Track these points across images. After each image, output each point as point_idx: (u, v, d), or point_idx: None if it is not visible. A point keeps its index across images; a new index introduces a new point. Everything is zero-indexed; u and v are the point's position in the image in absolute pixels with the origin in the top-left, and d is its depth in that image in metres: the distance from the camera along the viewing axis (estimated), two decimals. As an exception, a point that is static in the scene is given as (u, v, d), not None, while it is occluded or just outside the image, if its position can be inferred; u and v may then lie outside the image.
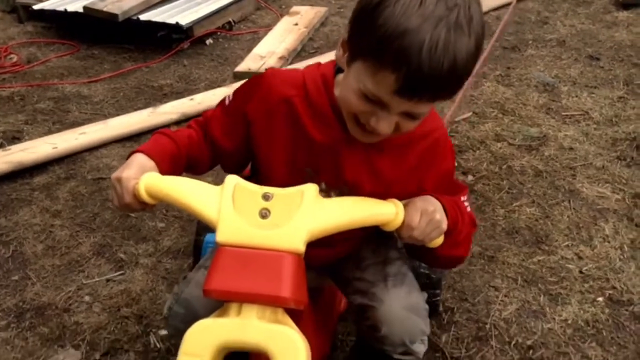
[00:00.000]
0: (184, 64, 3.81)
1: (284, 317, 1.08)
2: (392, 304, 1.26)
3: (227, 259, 1.06)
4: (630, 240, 2.23)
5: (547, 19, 4.40)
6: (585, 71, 3.59)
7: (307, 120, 1.22)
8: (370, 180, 1.24)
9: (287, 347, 1.03)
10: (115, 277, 2.08)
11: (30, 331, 1.88)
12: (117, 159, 2.76)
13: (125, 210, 1.21)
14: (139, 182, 1.15)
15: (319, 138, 1.22)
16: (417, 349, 1.31)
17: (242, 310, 1.05)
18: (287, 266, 1.05)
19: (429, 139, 1.24)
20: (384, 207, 1.15)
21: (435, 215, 1.15)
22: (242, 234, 1.07)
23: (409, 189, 1.23)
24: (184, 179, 1.18)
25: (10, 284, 2.07)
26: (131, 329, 1.87)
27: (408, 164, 1.24)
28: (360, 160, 1.22)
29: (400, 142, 1.21)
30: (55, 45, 4.12)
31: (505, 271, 2.09)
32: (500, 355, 1.78)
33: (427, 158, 1.24)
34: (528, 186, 2.54)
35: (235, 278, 1.05)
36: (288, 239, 1.06)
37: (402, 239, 1.17)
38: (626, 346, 1.82)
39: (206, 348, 1.04)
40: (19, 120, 3.14)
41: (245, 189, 1.10)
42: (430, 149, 1.24)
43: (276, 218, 1.08)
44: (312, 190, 1.11)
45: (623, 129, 2.96)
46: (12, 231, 2.31)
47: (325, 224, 1.10)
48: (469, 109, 3.15)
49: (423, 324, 1.30)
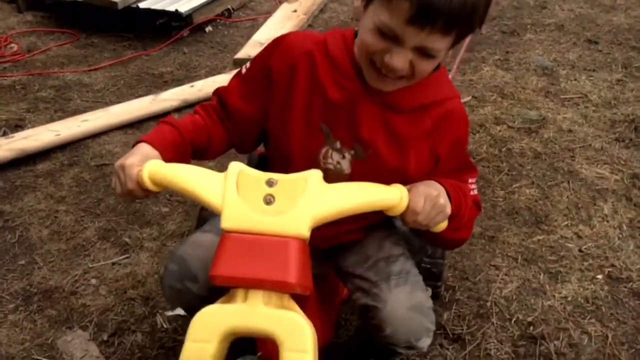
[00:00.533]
0: (183, 52, 3.82)
1: (290, 303, 1.09)
2: (396, 306, 1.27)
3: (232, 245, 1.07)
4: (629, 220, 2.26)
5: (546, 4, 4.41)
6: (584, 55, 3.60)
7: (325, 75, 1.23)
8: (385, 139, 1.25)
9: (294, 332, 1.03)
10: (121, 261, 2.11)
11: (38, 314, 1.91)
12: (120, 146, 2.78)
13: (127, 197, 1.21)
14: (142, 169, 1.15)
15: (336, 94, 1.23)
16: (422, 344, 1.32)
17: (249, 296, 1.06)
18: (292, 252, 1.06)
19: (445, 106, 1.26)
20: (388, 192, 1.15)
21: (439, 199, 1.16)
22: (246, 220, 1.07)
23: (423, 152, 1.26)
24: (188, 166, 1.19)
25: (17, 268, 2.09)
26: (138, 310, 1.90)
27: (423, 126, 1.25)
28: (376, 116, 1.24)
29: (417, 105, 1.23)
30: (55, 34, 4.12)
31: (505, 250, 2.12)
32: (501, 332, 1.81)
33: (442, 124, 1.26)
34: (527, 168, 2.57)
35: (241, 264, 1.05)
36: (293, 224, 1.07)
37: (406, 224, 1.18)
38: (625, 322, 1.85)
39: (213, 334, 1.04)
40: (21, 109, 3.15)
41: (249, 176, 1.11)
42: (446, 115, 1.26)
43: (281, 204, 1.08)
44: (316, 176, 1.11)
45: (622, 111, 2.98)
46: (18, 217, 2.34)
47: (329, 210, 1.10)
48: (469, 92, 3.17)
49: (428, 321, 1.30)
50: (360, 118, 1.24)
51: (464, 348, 1.77)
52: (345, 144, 1.26)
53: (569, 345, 1.77)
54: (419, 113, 1.25)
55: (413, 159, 1.26)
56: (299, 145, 1.28)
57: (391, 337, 1.28)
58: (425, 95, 1.24)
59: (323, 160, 1.29)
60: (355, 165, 1.28)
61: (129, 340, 1.80)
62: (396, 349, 1.33)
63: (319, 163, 1.28)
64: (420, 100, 1.24)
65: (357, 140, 1.26)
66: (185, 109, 3.06)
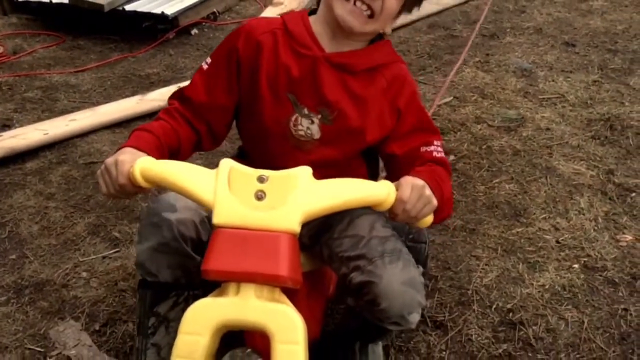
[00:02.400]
0: (170, 54, 3.86)
1: (281, 296, 1.12)
2: (391, 280, 1.31)
3: (224, 240, 1.09)
4: (604, 213, 2.35)
5: (525, 8, 4.52)
6: (561, 57, 3.71)
7: (285, 49, 1.38)
8: (347, 100, 1.38)
9: (286, 325, 1.06)
10: (111, 255, 2.15)
11: (30, 305, 1.94)
12: (108, 145, 2.82)
13: (116, 194, 1.24)
14: (134, 166, 1.18)
15: (297, 64, 1.36)
16: (413, 319, 1.37)
17: (240, 290, 1.08)
18: (283, 246, 1.08)
19: (394, 67, 1.42)
20: (376, 187, 1.19)
21: (425, 190, 1.22)
22: (238, 215, 1.09)
23: (383, 109, 1.40)
24: (179, 162, 1.22)
25: (8, 262, 2.12)
26: (129, 302, 1.94)
27: (379, 84, 1.40)
28: (336, 79, 1.37)
29: (369, 66, 1.39)
30: (40, 37, 4.15)
31: (485, 242, 2.19)
32: (481, 318, 1.88)
33: (395, 81, 1.41)
34: (507, 164, 2.65)
35: (233, 258, 1.07)
36: (283, 219, 1.09)
37: (395, 216, 1.22)
38: (600, 308, 1.92)
39: (205, 327, 1.06)
40: (8, 109, 3.17)
41: (240, 172, 1.13)
42: (397, 74, 1.42)
43: (271, 200, 1.10)
44: (306, 173, 1.14)
45: (597, 110, 3.08)
46: (7, 213, 2.36)
47: (319, 205, 1.13)
48: (450, 93, 3.25)
49: (419, 296, 1.36)
50: (322, 82, 1.36)
51: (446, 334, 1.83)
52: (312, 109, 1.38)
53: (547, 330, 1.84)
54: (373, 74, 1.40)
55: (375, 116, 1.39)
56: (270, 116, 1.39)
57: (386, 311, 1.33)
58: (375, 58, 1.40)
59: (294, 127, 1.39)
60: (324, 130, 1.39)
61: (121, 329, 1.84)
62: (387, 326, 1.38)
63: (291, 130, 1.39)
64: (372, 62, 1.39)
65: (322, 103, 1.37)
66: (173, 108, 3.11)
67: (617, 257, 2.12)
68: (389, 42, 1.46)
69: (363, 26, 1.33)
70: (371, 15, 1.32)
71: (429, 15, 4.35)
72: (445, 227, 2.25)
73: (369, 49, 1.41)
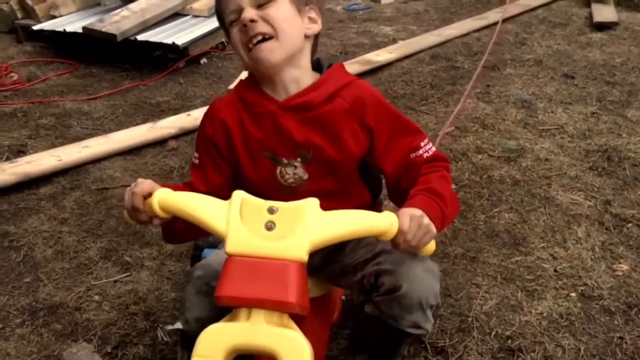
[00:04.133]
0: (180, 82, 3.98)
1: (289, 322, 1.18)
2: (412, 264, 1.38)
3: (236, 268, 1.16)
4: (601, 242, 2.41)
5: (525, 40, 4.64)
6: (561, 89, 3.80)
7: (246, 114, 1.46)
8: (317, 135, 1.43)
9: (295, 350, 1.13)
10: (122, 279, 2.22)
11: (44, 328, 2.01)
12: (120, 171, 2.91)
13: (133, 215, 1.33)
14: (153, 195, 1.28)
15: (258, 124, 1.44)
16: (425, 324, 1.42)
17: (252, 315, 1.15)
18: (292, 274, 1.15)
19: (351, 87, 1.45)
20: (380, 219, 1.24)
21: (424, 219, 1.27)
22: (249, 245, 1.17)
23: (354, 129, 1.43)
24: (194, 194, 1.31)
25: (23, 285, 2.20)
26: (139, 325, 2.00)
27: (341, 108, 1.43)
28: (299, 121, 1.42)
29: (325, 96, 1.42)
30: (54, 64, 4.27)
31: (485, 270, 2.26)
32: (481, 345, 1.94)
33: (356, 100, 1.43)
34: (507, 194, 2.72)
35: (245, 285, 1.14)
36: (292, 249, 1.16)
37: (397, 246, 1.28)
38: (596, 336, 1.98)
39: (218, 350, 1.13)
40: (22, 135, 3.28)
41: (251, 203, 1.21)
42: (355, 92, 1.44)
43: (281, 230, 1.17)
44: (314, 204, 1.21)
45: (595, 141, 3.16)
46: (22, 237, 2.44)
47: (325, 236, 1.20)
48: (452, 123, 3.34)
49: (437, 286, 1.42)
50: (288, 130, 1.42)
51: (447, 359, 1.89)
52: (290, 157, 1.44)
53: (545, 358, 1.90)
54: (332, 101, 1.43)
55: (349, 138, 1.42)
56: (257, 177, 1.47)
57: (406, 297, 1.37)
58: (328, 86, 1.43)
59: (282, 179, 1.47)
60: (309, 169, 1.45)
61: (132, 352, 1.90)
62: (403, 327, 1.42)
63: (280, 182, 1.47)
64: (327, 91, 1.42)
65: (296, 147, 1.44)
66: (182, 136, 3.20)
67: (614, 286, 2.18)
68: (338, 65, 1.49)
69: (273, 55, 1.37)
70: (268, 38, 1.36)
71: (431, 46, 4.47)
72: (447, 255, 2.32)
73: (319, 80, 1.45)
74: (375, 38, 4.87)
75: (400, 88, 3.86)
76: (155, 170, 2.93)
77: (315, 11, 1.44)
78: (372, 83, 3.89)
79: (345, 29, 5.10)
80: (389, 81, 3.96)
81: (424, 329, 1.45)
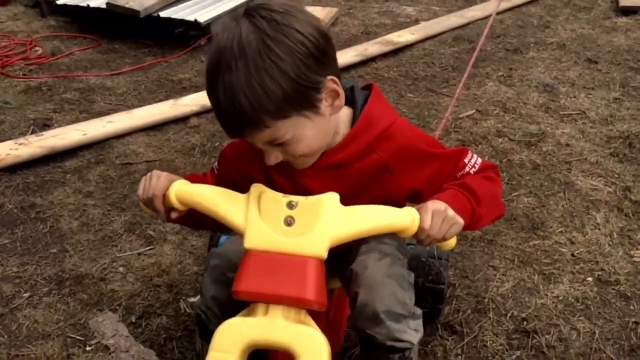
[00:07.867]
0: (201, 60, 4.00)
1: (307, 318, 1.19)
2: (374, 271, 1.31)
3: (254, 263, 1.15)
4: (619, 229, 2.42)
5: (549, 23, 4.59)
6: (584, 73, 3.77)
7: (273, 169, 1.31)
8: (347, 188, 1.30)
9: (312, 347, 1.13)
10: (146, 252, 2.27)
11: (70, 297, 2.07)
12: (143, 146, 2.95)
13: (146, 202, 1.33)
14: (170, 188, 1.28)
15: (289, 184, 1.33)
16: (403, 336, 1.32)
17: (269, 311, 1.15)
18: (311, 270, 1.14)
19: (386, 139, 1.32)
20: (401, 215, 1.21)
21: (448, 212, 1.21)
22: (268, 240, 1.16)
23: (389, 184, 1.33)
24: (212, 187, 1.30)
25: (49, 256, 2.26)
26: (163, 296, 2.06)
27: (375, 163, 1.32)
28: (330, 178, 1.31)
29: (356, 154, 1.31)
30: (77, 39, 4.31)
31: (503, 253, 2.28)
32: (496, 326, 1.97)
33: (391, 154, 1.32)
34: (526, 178, 2.73)
35: (263, 280, 1.14)
36: (312, 245, 1.15)
37: (421, 242, 1.24)
38: (612, 320, 2.00)
39: (235, 345, 1.14)
40: (47, 109, 3.33)
41: (270, 198, 1.20)
42: (389, 143, 1.32)
43: (300, 225, 1.16)
44: (333, 199, 1.20)
45: (617, 127, 3.14)
46: (49, 209, 2.50)
47: (346, 232, 1.18)
48: (473, 106, 3.34)
49: (405, 296, 1.32)
50: (318, 188, 1.27)
51: (462, 339, 1.92)
52: None
53: (559, 340, 1.92)
54: (367, 155, 1.31)
55: (382, 196, 1.31)
56: None
57: (363, 308, 1.29)
58: (362, 139, 1.30)
59: None
60: None
61: (155, 322, 1.96)
62: (383, 342, 1.32)
63: None
64: (361, 146, 1.30)
65: None
66: (204, 113, 3.24)
67: (630, 272, 2.19)
68: (373, 98, 1.33)
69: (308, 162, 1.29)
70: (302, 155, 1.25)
71: (453, 28, 4.44)
72: (464, 237, 2.34)
73: (353, 131, 1.30)
74: (397, 18, 4.85)
75: (421, 70, 3.86)
76: (177, 147, 2.98)
77: (330, 81, 1.21)
78: (393, 64, 3.92)
79: (367, 9, 5.07)
80: (410, 62, 3.96)
81: (405, 342, 1.33)
